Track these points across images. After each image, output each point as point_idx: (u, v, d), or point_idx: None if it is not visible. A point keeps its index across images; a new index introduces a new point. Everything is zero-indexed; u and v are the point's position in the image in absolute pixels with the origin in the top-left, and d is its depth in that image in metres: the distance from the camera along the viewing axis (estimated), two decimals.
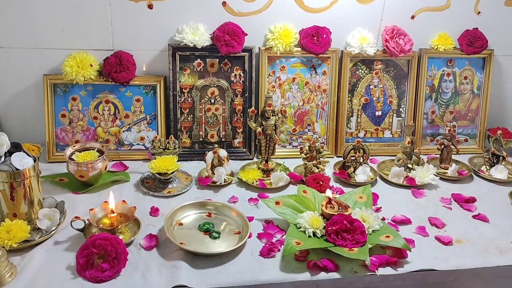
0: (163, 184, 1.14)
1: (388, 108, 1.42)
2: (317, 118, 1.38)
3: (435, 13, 1.38)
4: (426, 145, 1.45)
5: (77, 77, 1.21)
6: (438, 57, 1.41)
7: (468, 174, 1.27)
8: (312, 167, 1.19)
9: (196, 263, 0.85)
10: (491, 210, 1.10)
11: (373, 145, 1.41)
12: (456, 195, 1.16)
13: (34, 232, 0.90)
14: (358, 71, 1.38)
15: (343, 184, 1.21)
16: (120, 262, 0.81)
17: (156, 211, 1.02)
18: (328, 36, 1.31)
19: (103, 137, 1.29)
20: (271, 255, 0.89)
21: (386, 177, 1.23)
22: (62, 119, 1.27)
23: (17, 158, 0.89)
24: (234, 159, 1.30)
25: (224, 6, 1.27)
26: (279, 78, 1.34)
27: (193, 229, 0.95)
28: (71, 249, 0.88)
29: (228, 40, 1.23)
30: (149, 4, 1.24)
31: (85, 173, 1.08)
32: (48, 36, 1.24)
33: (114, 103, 1.28)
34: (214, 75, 1.30)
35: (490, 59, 1.43)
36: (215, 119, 1.33)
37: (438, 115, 1.46)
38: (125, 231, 0.92)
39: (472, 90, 1.46)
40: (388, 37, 1.34)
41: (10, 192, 0.88)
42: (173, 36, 1.26)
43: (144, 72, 1.31)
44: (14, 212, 0.90)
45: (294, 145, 1.38)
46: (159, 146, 1.17)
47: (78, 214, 0.94)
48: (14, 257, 0.85)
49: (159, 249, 0.89)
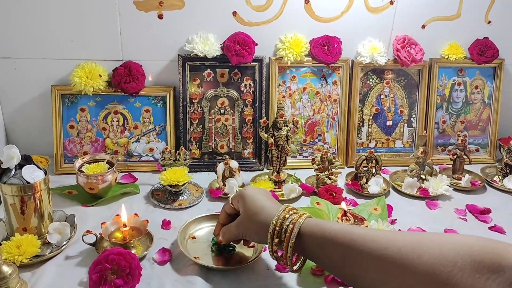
0: (174, 196, 1.12)
1: (399, 118, 1.41)
2: (327, 128, 1.37)
3: (445, 22, 1.37)
4: (437, 155, 1.44)
5: (86, 88, 1.20)
6: (449, 67, 1.41)
7: (481, 185, 1.26)
8: (325, 178, 1.18)
9: (210, 278, 0.83)
10: (506, 221, 1.08)
11: (384, 155, 1.40)
12: (470, 206, 1.15)
13: (44, 247, 0.88)
14: (369, 81, 1.37)
15: (356, 195, 1.19)
16: (134, 277, 0.79)
17: (168, 224, 1.00)
18: (339, 45, 1.30)
19: (111, 148, 1.28)
20: (287, 269, 0.86)
21: (399, 188, 1.22)
22: (70, 130, 1.25)
23: (28, 171, 0.87)
24: (244, 170, 1.28)
25: (234, 16, 1.26)
26: (290, 88, 1.33)
27: (206, 242, 0.93)
28: (82, 264, 0.86)
29: (238, 50, 1.22)
30: (159, 14, 1.23)
31: (95, 185, 1.06)
32: (56, 46, 1.23)
33: (123, 113, 1.27)
34: (224, 85, 1.29)
35: (501, 68, 1.42)
36: (225, 129, 1.31)
37: (449, 124, 1.44)
38: (138, 245, 0.90)
39: (483, 99, 1.45)
40: (399, 47, 1.33)
41: (20, 206, 0.86)
42: (183, 46, 1.25)
43: (153, 82, 1.30)
44: (25, 227, 0.88)
45: (305, 156, 1.36)
46: (169, 157, 1.15)
47: (89, 227, 0.92)
48: (25, 273, 0.82)
49: (172, 264, 0.87)
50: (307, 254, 0.72)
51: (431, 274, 0.55)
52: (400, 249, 0.59)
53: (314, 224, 0.70)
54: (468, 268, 0.53)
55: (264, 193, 0.82)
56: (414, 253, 0.57)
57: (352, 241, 0.64)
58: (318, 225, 0.70)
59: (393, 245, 0.60)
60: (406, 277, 0.57)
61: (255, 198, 0.79)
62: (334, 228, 0.68)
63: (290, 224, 0.71)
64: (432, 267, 0.55)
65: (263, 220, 0.75)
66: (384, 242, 0.61)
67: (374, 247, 0.61)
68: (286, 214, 0.73)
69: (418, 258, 0.56)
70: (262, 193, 0.81)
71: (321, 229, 0.69)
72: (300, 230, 0.70)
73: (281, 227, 0.72)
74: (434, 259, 0.55)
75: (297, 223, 0.71)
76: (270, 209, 0.76)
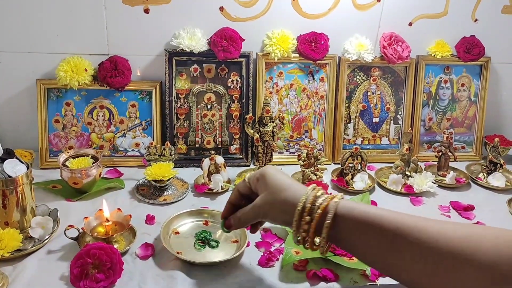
0: (159, 191, 1.12)
1: (385, 114, 1.41)
2: (314, 124, 1.37)
3: (432, 20, 1.38)
4: (423, 152, 1.45)
5: (71, 82, 1.19)
6: (435, 64, 1.41)
7: (466, 182, 1.27)
8: (310, 174, 1.18)
9: (193, 273, 0.83)
10: (489, 218, 1.10)
11: (370, 152, 1.40)
12: (454, 203, 1.16)
13: (26, 241, 0.88)
14: (356, 78, 1.37)
15: (341, 192, 1.20)
16: (116, 272, 0.79)
17: (152, 219, 1.00)
18: (326, 42, 1.30)
19: (97, 143, 1.27)
20: (270, 264, 0.87)
21: (384, 185, 1.22)
22: (56, 124, 1.25)
23: (10, 165, 0.87)
24: (230, 165, 1.28)
25: (221, 11, 1.26)
26: (277, 84, 1.33)
27: (189, 237, 0.93)
28: (64, 258, 0.86)
29: (225, 45, 1.22)
30: (146, 8, 1.22)
31: (79, 180, 1.05)
32: (42, 40, 1.22)
33: (108, 108, 1.26)
34: (211, 81, 1.29)
35: (487, 66, 1.43)
36: (211, 125, 1.31)
37: (435, 122, 1.45)
38: (120, 240, 0.90)
39: (469, 97, 1.46)
40: (386, 44, 1.34)
41: (2, 200, 0.86)
42: (170, 41, 1.24)
43: (140, 77, 1.29)
44: (6, 221, 0.87)
45: (291, 152, 1.37)
46: (154, 152, 1.15)
47: (72, 222, 0.92)
48: (6, 267, 0.82)
49: (155, 259, 0.87)
50: (341, 240, 0.64)
51: (485, 269, 0.52)
52: (452, 241, 0.55)
53: (353, 206, 0.62)
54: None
55: (285, 173, 0.74)
56: (468, 248, 0.54)
57: (398, 229, 0.58)
58: (359, 207, 0.62)
59: (444, 237, 0.56)
60: (458, 271, 0.54)
61: (279, 176, 0.71)
62: (378, 212, 0.60)
63: (324, 202, 0.63)
64: (487, 262, 0.52)
65: (291, 197, 0.66)
66: (435, 233, 0.56)
67: (424, 238, 0.56)
68: (317, 192, 0.66)
69: (472, 254, 0.53)
70: (283, 172, 0.74)
71: (363, 212, 0.61)
72: (337, 211, 0.62)
73: (313, 205, 0.64)
74: (489, 256, 0.53)
75: (333, 202, 0.63)
76: (297, 187, 0.68)
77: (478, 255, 0.53)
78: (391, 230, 0.58)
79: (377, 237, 0.60)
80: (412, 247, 0.57)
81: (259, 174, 0.73)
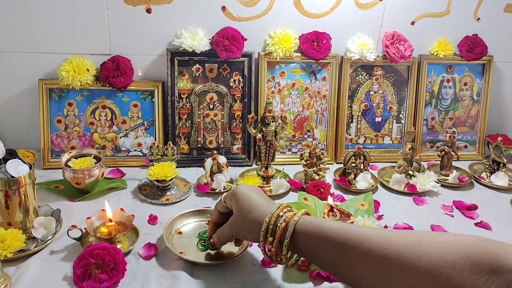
0: (161, 191, 1.12)
1: (388, 114, 1.41)
2: (316, 124, 1.37)
3: (435, 19, 1.38)
4: (426, 152, 1.45)
5: (74, 82, 1.19)
6: (438, 63, 1.41)
7: (469, 181, 1.27)
8: (313, 174, 1.18)
9: (196, 273, 0.83)
10: (493, 218, 1.09)
11: (373, 152, 1.40)
12: (457, 203, 1.15)
13: (29, 241, 0.88)
14: (358, 77, 1.37)
15: (344, 191, 1.19)
16: (119, 272, 0.79)
17: (155, 219, 1.00)
18: (328, 41, 1.30)
19: (99, 143, 1.27)
20: (273, 264, 0.87)
21: (387, 184, 1.22)
22: (58, 124, 1.25)
23: (12, 165, 0.87)
24: (233, 165, 1.28)
25: (223, 11, 1.26)
26: (279, 84, 1.33)
27: (192, 237, 0.93)
28: (67, 259, 0.85)
29: (227, 45, 1.22)
30: (148, 8, 1.22)
31: (82, 180, 1.05)
32: (44, 40, 1.22)
33: (111, 108, 1.26)
34: (213, 80, 1.29)
35: (490, 65, 1.43)
36: (213, 125, 1.31)
37: (437, 121, 1.45)
38: (123, 240, 0.90)
39: (472, 96, 1.45)
40: (389, 43, 1.33)
41: (5, 200, 0.85)
42: (172, 40, 1.24)
43: (142, 77, 1.29)
44: (9, 221, 0.87)
45: (294, 151, 1.36)
46: (157, 152, 1.15)
47: (75, 222, 0.92)
48: (9, 267, 0.82)
49: (158, 259, 0.87)
50: (302, 253, 0.70)
51: (430, 275, 0.54)
52: (399, 249, 0.58)
53: (310, 222, 0.68)
54: (467, 269, 0.52)
55: (257, 191, 0.79)
56: (413, 254, 0.56)
57: (349, 240, 0.63)
58: (314, 223, 0.68)
59: (391, 246, 0.59)
60: (405, 278, 0.57)
61: (248, 196, 0.76)
62: (331, 226, 0.66)
63: (284, 222, 0.69)
64: (431, 268, 0.54)
65: (256, 218, 0.73)
66: (382, 242, 0.60)
67: (373, 247, 0.60)
68: (280, 212, 0.71)
69: (418, 259, 0.56)
70: (255, 191, 0.79)
71: (317, 228, 0.67)
72: (295, 228, 0.68)
73: (275, 225, 0.70)
74: (433, 260, 0.55)
75: (292, 221, 0.69)
76: (263, 207, 0.74)
77: (423, 259, 0.55)
78: (342, 242, 0.63)
79: (331, 249, 0.65)
80: (362, 256, 0.61)
81: (232, 194, 0.79)
